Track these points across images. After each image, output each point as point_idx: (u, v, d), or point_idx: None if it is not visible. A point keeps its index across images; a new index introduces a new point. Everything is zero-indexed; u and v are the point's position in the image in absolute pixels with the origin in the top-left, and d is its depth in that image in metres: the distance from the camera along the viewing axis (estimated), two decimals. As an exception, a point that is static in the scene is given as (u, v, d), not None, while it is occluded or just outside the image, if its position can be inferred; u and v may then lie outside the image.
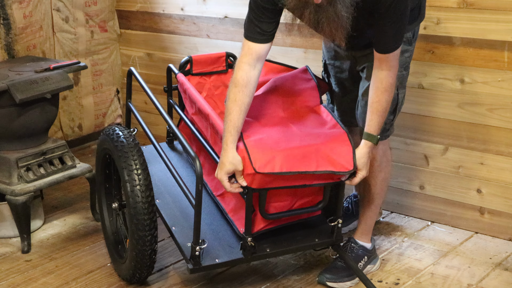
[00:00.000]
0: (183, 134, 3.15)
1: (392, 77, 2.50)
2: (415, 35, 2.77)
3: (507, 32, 3.02)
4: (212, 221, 2.82)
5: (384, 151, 2.82)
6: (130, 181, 2.67)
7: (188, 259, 2.62)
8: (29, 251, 3.20)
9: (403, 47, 2.62)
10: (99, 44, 4.36)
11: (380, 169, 2.84)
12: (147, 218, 2.65)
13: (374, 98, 2.54)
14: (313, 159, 2.49)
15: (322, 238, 2.77)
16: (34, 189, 3.20)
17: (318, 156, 2.50)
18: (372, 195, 2.88)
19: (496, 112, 3.12)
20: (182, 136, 2.70)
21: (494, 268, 2.99)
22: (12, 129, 3.22)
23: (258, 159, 2.45)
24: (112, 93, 4.52)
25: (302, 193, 2.64)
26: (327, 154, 2.51)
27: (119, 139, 2.76)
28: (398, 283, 2.89)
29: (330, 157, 2.51)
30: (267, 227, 2.66)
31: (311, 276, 2.94)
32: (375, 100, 2.54)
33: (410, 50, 2.75)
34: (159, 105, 2.93)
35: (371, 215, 2.93)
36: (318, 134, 2.59)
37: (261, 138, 2.53)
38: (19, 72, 3.30)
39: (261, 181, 2.47)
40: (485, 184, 3.23)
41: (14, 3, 3.73)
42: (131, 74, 3.23)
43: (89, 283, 2.93)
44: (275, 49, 3.73)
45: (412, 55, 2.79)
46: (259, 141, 2.51)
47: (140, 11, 4.33)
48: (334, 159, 2.51)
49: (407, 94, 3.33)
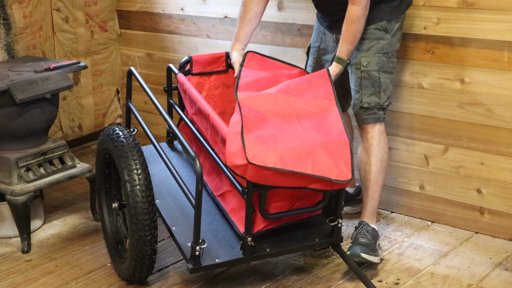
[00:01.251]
0: (183, 134, 3.15)
1: (359, 11, 2.84)
2: (395, 27, 3.02)
3: (507, 32, 3.02)
4: (212, 221, 2.82)
5: (381, 132, 3.04)
6: (130, 181, 2.67)
7: (188, 259, 2.62)
8: (29, 251, 3.20)
9: (378, 34, 2.97)
10: (99, 44, 4.36)
11: (379, 149, 3.02)
12: (147, 218, 2.65)
13: (345, 28, 2.89)
14: (309, 161, 2.48)
15: (322, 238, 2.77)
16: (34, 189, 3.20)
17: (316, 160, 2.48)
18: (374, 176, 3.02)
19: (496, 112, 3.12)
20: (182, 136, 2.70)
21: (494, 268, 2.99)
22: (12, 129, 3.22)
23: (252, 150, 2.45)
24: (112, 93, 4.52)
25: (302, 193, 2.63)
26: (325, 160, 2.50)
27: (119, 139, 2.76)
28: (398, 283, 2.89)
29: (327, 164, 2.49)
30: (267, 227, 2.66)
31: (311, 276, 2.94)
32: (345, 30, 2.89)
33: (387, 39, 2.99)
34: (159, 105, 2.93)
35: (375, 197, 3.05)
36: (320, 139, 2.57)
37: (261, 135, 2.53)
38: (19, 72, 3.30)
39: (254, 174, 2.45)
40: (485, 184, 3.23)
41: (14, 3, 3.73)
42: (131, 74, 3.23)
43: (89, 283, 2.93)
44: (275, 49, 3.73)
45: (393, 45, 3.02)
46: (258, 137, 2.51)
47: (140, 11, 4.33)
48: (331, 166, 2.49)
49: (407, 94, 3.34)
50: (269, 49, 3.74)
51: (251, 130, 2.54)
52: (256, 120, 2.59)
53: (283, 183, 2.49)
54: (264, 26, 3.73)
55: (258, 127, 2.57)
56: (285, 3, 3.66)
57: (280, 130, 2.58)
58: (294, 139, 2.55)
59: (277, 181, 2.49)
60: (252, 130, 2.54)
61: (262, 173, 2.45)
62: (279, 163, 2.44)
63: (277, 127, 2.59)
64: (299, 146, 2.51)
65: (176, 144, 3.34)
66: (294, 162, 2.45)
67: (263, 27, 3.74)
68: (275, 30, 3.73)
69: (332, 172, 2.48)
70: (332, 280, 2.91)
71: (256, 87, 2.82)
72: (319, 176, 2.46)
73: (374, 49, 2.98)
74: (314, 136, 2.58)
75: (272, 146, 2.48)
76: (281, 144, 2.51)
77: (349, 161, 2.53)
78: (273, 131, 2.57)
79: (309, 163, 2.46)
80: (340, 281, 2.91)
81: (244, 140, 2.48)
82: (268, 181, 2.49)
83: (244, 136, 2.50)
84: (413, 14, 3.23)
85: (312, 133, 2.59)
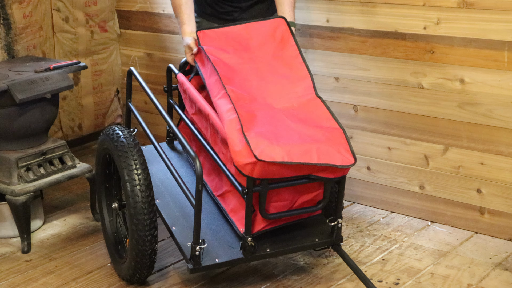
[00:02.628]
0: (183, 134, 3.15)
1: None
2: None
3: (507, 32, 3.02)
4: (212, 221, 2.82)
5: None
6: (130, 181, 2.67)
7: (188, 259, 2.62)
8: (29, 251, 3.20)
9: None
10: (99, 44, 4.36)
11: None
12: (147, 218, 2.65)
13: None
14: (313, 152, 2.50)
15: (322, 238, 2.77)
16: (34, 189, 3.21)
17: (319, 150, 2.51)
18: None
19: (496, 112, 3.12)
20: (182, 136, 2.70)
21: (494, 268, 3.00)
22: (12, 129, 3.22)
23: (258, 147, 2.45)
24: (112, 93, 4.52)
25: (302, 192, 2.64)
26: (327, 149, 2.53)
27: (119, 139, 2.76)
28: (398, 283, 2.89)
29: (330, 152, 2.52)
30: (267, 227, 2.66)
31: (311, 276, 2.94)
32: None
33: None
34: (159, 105, 2.93)
35: None
36: (315, 132, 2.60)
37: (261, 132, 2.53)
38: (19, 72, 3.30)
39: (262, 170, 2.45)
40: (485, 184, 3.23)
41: (14, 3, 3.73)
42: (131, 74, 3.23)
43: (89, 283, 2.93)
44: (275, 49, 3.73)
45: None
46: (260, 134, 2.52)
47: (140, 11, 4.33)
48: (334, 153, 2.52)
49: (407, 94, 3.35)
50: (269, 49, 3.74)
51: (250, 128, 2.54)
52: (249, 116, 2.60)
53: (287, 174, 2.50)
54: (264, 26, 3.73)
55: (254, 123, 2.58)
56: (285, 3, 3.66)
57: (275, 126, 2.59)
58: (291, 133, 2.56)
59: (281, 174, 2.49)
60: (251, 127, 2.54)
61: (270, 168, 2.46)
62: (286, 156, 2.45)
63: (270, 124, 2.60)
64: (300, 139, 2.53)
65: (176, 144, 3.34)
66: (300, 155, 2.47)
67: (263, 27, 3.73)
68: (275, 30, 3.72)
69: (335, 158, 2.52)
70: (332, 280, 2.91)
71: (228, 62, 2.83)
72: (325, 164, 2.49)
73: None
74: (309, 130, 2.60)
75: (275, 141, 2.49)
76: (282, 139, 2.52)
77: (348, 146, 2.57)
78: (269, 127, 2.58)
79: (314, 154, 2.49)
80: (340, 281, 2.91)
81: (247, 138, 2.48)
82: (272, 175, 2.49)
83: (245, 134, 2.50)
84: (413, 14, 3.24)
85: (305, 128, 2.61)
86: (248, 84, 2.75)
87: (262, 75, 2.81)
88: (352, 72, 3.50)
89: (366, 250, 3.17)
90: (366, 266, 3.02)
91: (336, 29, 3.51)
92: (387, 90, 3.40)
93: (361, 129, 3.54)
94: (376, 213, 3.54)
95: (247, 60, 2.85)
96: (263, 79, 2.80)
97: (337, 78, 3.55)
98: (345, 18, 3.46)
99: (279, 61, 2.87)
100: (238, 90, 2.69)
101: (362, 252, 3.15)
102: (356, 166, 3.59)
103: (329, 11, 3.51)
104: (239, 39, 2.92)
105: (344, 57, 3.51)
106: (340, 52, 3.52)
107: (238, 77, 2.76)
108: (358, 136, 3.55)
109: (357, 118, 3.54)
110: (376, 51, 3.40)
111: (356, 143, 3.56)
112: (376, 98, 3.45)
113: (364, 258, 3.10)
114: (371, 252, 3.15)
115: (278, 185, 2.54)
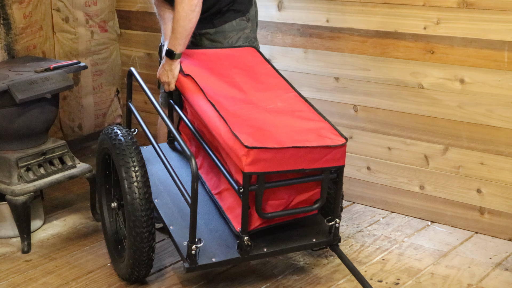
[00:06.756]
0: (183, 134, 3.15)
1: (177, 11, 2.96)
2: (251, 18, 3.24)
3: (507, 32, 3.02)
4: (210, 221, 2.82)
5: None
6: (127, 178, 2.67)
7: (184, 258, 2.62)
8: (29, 251, 3.20)
9: (243, 24, 3.20)
10: (99, 44, 4.36)
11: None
12: (144, 215, 2.66)
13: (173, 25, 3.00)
14: (303, 139, 2.54)
15: (319, 238, 2.76)
16: (34, 189, 3.21)
17: (308, 137, 2.56)
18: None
19: (496, 112, 3.12)
20: (179, 135, 2.70)
21: (494, 268, 2.99)
22: (12, 129, 3.22)
23: (247, 139, 2.48)
24: (112, 93, 4.52)
25: (299, 191, 2.63)
26: (315, 136, 2.57)
27: (117, 137, 2.78)
28: (398, 283, 2.89)
29: (319, 137, 2.56)
30: (263, 225, 2.66)
31: (311, 276, 2.94)
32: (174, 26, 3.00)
33: (249, 27, 3.23)
34: (158, 105, 2.93)
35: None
36: (303, 123, 2.65)
37: (250, 128, 2.57)
38: (19, 72, 3.30)
39: (254, 160, 2.46)
40: (485, 184, 3.23)
41: (14, 3, 3.73)
42: (131, 75, 3.22)
43: (89, 283, 2.93)
44: (275, 49, 3.73)
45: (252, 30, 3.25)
46: (248, 129, 2.56)
47: (140, 11, 4.33)
48: (324, 138, 2.56)
49: (407, 94, 3.35)
50: (269, 49, 3.74)
51: (237, 127, 2.57)
52: (234, 117, 2.64)
53: (281, 167, 2.50)
54: (264, 26, 3.73)
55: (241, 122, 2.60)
56: (285, 3, 3.66)
57: (263, 122, 2.63)
58: (279, 127, 2.61)
59: (275, 166, 2.49)
60: (238, 127, 2.57)
61: (263, 157, 2.46)
62: (277, 144, 2.48)
63: (257, 120, 2.64)
64: (289, 130, 2.58)
65: (177, 144, 3.34)
66: (291, 142, 2.50)
67: (263, 27, 3.73)
68: (275, 30, 3.73)
69: (327, 141, 2.55)
70: (332, 280, 2.91)
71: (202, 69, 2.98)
72: (318, 145, 2.51)
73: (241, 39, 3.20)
74: (296, 122, 2.65)
75: (265, 133, 2.54)
76: (271, 132, 2.57)
77: (336, 131, 2.61)
78: (256, 122, 2.62)
79: (304, 140, 2.53)
80: (340, 281, 2.91)
81: (236, 134, 2.50)
82: (267, 167, 2.49)
83: (234, 132, 2.53)
84: (413, 14, 3.24)
85: (293, 121, 2.66)
86: (230, 93, 2.84)
87: (241, 86, 2.89)
88: (352, 72, 3.50)
89: (366, 250, 3.17)
90: (366, 266, 3.02)
91: (336, 29, 3.51)
92: (387, 90, 3.40)
93: (361, 129, 3.54)
94: (376, 213, 3.54)
95: (224, 75, 2.96)
96: (242, 89, 2.87)
97: (337, 78, 3.56)
98: (345, 18, 3.46)
99: (255, 73, 2.99)
100: (221, 98, 2.78)
101: (362, 252, 3.15)
102: (356, 166, 3.59)
103: (329, 11, 3.51)
104: (213, 58, 3.07)
105: (344, 57, 3.51)
106: (340, 52, 3.52)
107: (218, 88, 2.86)
108: (358, 136, 3.55)
109: (357, 118, 3.54)
110: (376, 51, 3.40)
111: (356, 143, 3.56)
112: (376, 98, 3.45)
113: (364, 258, 3.09)
114: (371, 252, 3.15)
115: (274, 184, 2.54)
